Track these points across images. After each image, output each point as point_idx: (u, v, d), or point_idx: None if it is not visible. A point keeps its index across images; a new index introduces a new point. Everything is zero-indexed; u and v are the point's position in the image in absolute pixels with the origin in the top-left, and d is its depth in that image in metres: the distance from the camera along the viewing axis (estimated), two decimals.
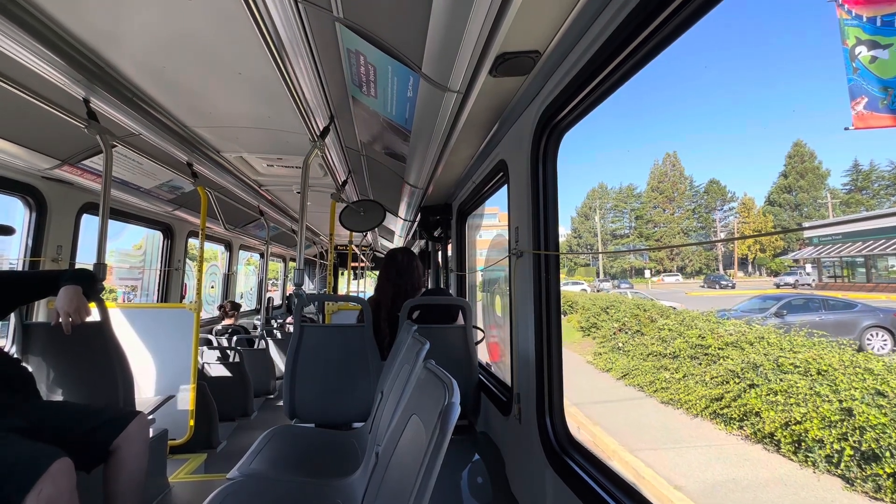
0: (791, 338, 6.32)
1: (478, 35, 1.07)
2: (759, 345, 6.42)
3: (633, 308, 10.67)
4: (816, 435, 4.48)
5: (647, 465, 4.97)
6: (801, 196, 47.41)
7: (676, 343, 7.76)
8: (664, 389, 7.11)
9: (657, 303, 11.18)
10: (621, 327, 10.29)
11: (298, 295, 2.24)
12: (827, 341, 5.94)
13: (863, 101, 4.32)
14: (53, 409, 1.64)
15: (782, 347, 6.10)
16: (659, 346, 8.26)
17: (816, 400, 4.67)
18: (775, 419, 4.97)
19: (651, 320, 9.56)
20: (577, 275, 48.18)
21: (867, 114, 4.26)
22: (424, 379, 0.94)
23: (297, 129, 2.25)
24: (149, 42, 1.50)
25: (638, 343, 9.16)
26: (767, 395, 5.24)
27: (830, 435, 4.37)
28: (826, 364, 5.09)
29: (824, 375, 4.98)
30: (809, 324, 7.34)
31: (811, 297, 11.56)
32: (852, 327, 9.49)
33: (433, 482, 0.66)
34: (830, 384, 4.77)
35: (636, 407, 7.05)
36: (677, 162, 59.02)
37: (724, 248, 51.16)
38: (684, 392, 6.63)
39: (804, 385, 4.94)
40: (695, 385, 6.52)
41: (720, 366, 6.38)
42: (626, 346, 9.47)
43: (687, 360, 7.26)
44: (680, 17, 0.93)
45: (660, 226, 57.11)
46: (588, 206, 63.38)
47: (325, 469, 1.68)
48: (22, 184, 2.57)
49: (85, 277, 1.80)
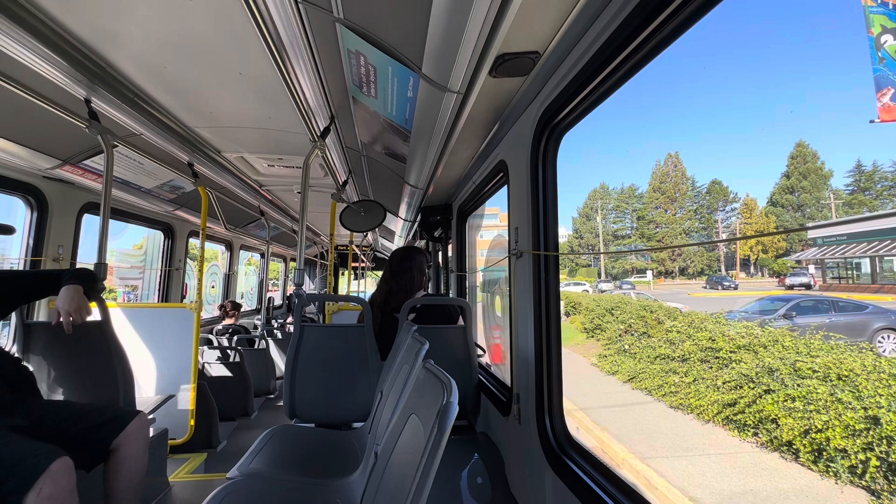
0: (807, 341, 6.10)
1: (477, 36, 1.07)
2: (774, 348, 6.23)
3: (640, 309, 10.52)
4: (839, 444, 4.25)
5: (660, 475, 4.78)
6: (803, 197, 47.21)
7: (686, 346, 7.59)
8: (673, 394, 6.94)
9: (664, 304, 11.03)
10: (627, 329, 10.17)
11: (299, 295, 2.25)
12: (845, 344, 5.72)
13: (889, 93, 4.17)
14: (54, 408, 1.64)
15: (798, 351, 5.90)
16: (667, 348, 8.09)
17: (839, 407, 4.45)
18: (794, 427, 4.74)
19: (658, 322, 9.41)
20: (579, 275, 48.14)
21: (894, 105, 4.13)
22: (423, 379, 0.94)
23: (297, 130, 2.25)
24: (150, 42, 1.51)
25: (645, 345, 8.98)
26: (785, 402, 5.03)
27: (855, 444, 4.14)
28: (847, 369, 4.88)
29: (845, 381, 4.78)
30: (819, 326, 7.17)
31: (820, 298, 11.34)
32: (863, 329, 9.30)
33: (431, 481, 0.66)
34: (853, 390, 4.56)
35: (645, 412, 6.89)
36: (679, 162, 58.69)
37: (727, 248, 50.99)
38: (695, 397, 6.45)
39: (824, 391, 4.72)
40: (706, 390, 6.34)
41: (733, 370, 6.19)
42: (632, 349, 9.33)
43: (697, 364, 7.09)
44: (679, 18, 0.94)
45: (661, 226, 56.82)
46: (590, 207, 63.19)
47: (324, 469, 1.68)
48: (23, 183, 2.58)
49: (86, 277, 1.80)
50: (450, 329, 2.23)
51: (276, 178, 3.36)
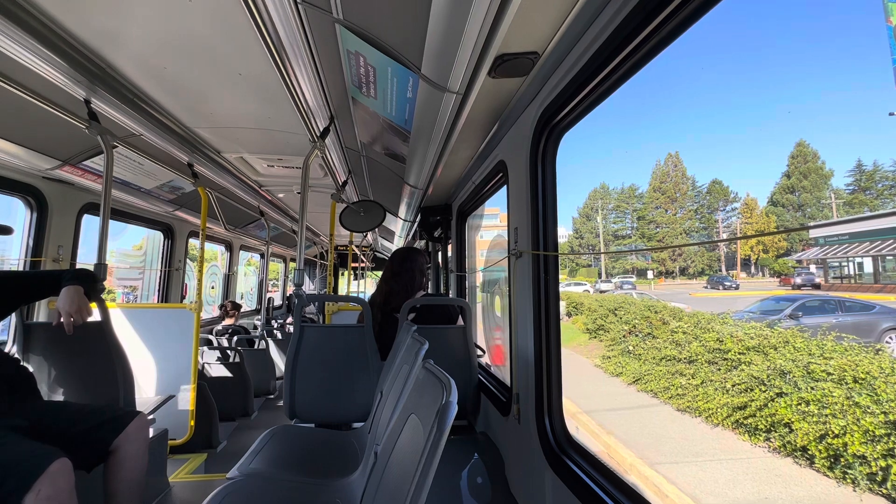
0: (819, 342, 5.92)
1: (476, 36, 1.07)
2: (784, 349, 6.04)
3: (644, 310, 10.38)
4: (858, 450, 4.09)
5: (670, 482, 4.63)
6: (804, 196, 47.13)
7: (692, 347, 7.40)
8: (680, 396, 6.77)
9: (668, 304, 10.88)
10: (631, 329, 10.05)
11: (298, 295, 2.25)
12: (859, 346, 5.53)
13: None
14: (54, 408, 1.64)
15: (811, 352, 5.72)
16: (673, 349, 7.93)
17: (856, 411, 4.28)
18: (809, 431, 4.58)
19: (663, 322, 9.27)
20: (579, 276, 48.08)
21: None
22: (423, 379, 0.94)
23: (297, 130, 2.26)
24: (149, 43, 1.51)
25: (650, 346, 8.81)
26: (798, 405, 4.85)
27: (874, 451, 3.98)
28: (863, 371, 4.70)
29: (862, 384, 4.60)
30: (825, 326, 6.95)
31: (826, 298, 11.23)
32: (870, 330, 9.16)
33: (430, 481, 0.66)
34: (871, 394, 4.38)
35: (651, 415, 6.72)
36: (679, 162, 58.47)
37: (727, 248, 50.90)
38: (703, 399, 6.30)
39: (840, 394, 4.56)
40: (714, 392, 6.17)
41: (742, 372, 6.01)
42: (636, 350, 9.21)
43: (705, 366, 6.90)
44: (678, 18, 0.94)
45: (662, 226, 56.63)
46: (590, 207, 62.99)
47: (324, 469, 1.68)
48: (23, 184, 2.58)
49: (86, 277, 1.81)
50: (450, 329, 2.24)
51: (276, 178, 3.36)
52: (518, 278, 1.81)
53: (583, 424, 6.55)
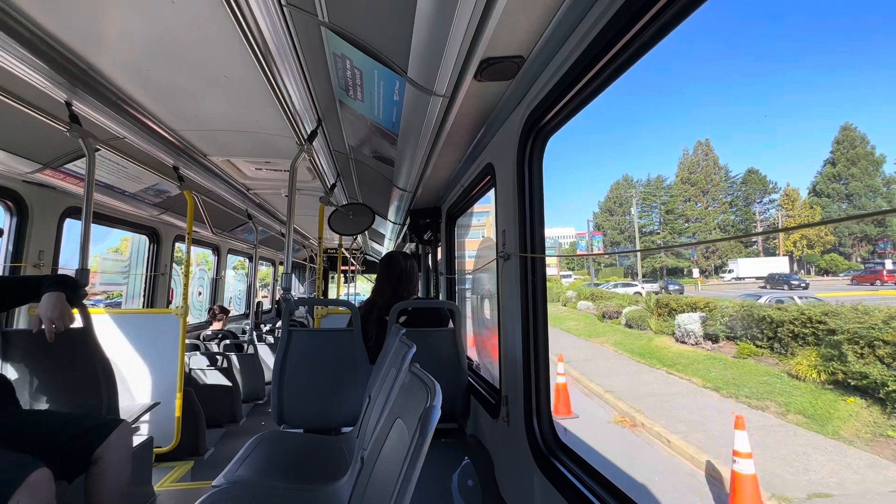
0: None
1: (462, 40, 1.08)
2: None
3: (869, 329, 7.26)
4: None
5: None
6: (853, 185, 40.55)
7: None
8: None
9: None
10: None
11: (286, 299, 2.23)
12: None
13: None
14: (34, 417, 1.60)
15: None
16: None
17: None
18: None
19: None
20: (609, 276, 44.93)
21: None
22: (409, 383, 0.94)
23: (284, 133, 2.24)
24: (132, 45, 1.49)
25: None
26: None
27: None
28: None
29: None
30: None
31: None
32: None
33: (413, 485, 0.66)
34: None
35: None
36: (710, 150, 51.25)
37: (765, 242, 44.89)
38: None
39: None
40: None
41: None
42: None
43: None
44: (663, 19, 0.94)
45: (692, 221, 50.49)
46: (613, 201, 57.36)
47: (312, 475, 1.66)
48: (2, 188, 2.52)
49: (67, 283, 1.77)
50: (439, 332, 2.23)
51: (264, 181, 3.33)
52: (506, 280, 1.82)
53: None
